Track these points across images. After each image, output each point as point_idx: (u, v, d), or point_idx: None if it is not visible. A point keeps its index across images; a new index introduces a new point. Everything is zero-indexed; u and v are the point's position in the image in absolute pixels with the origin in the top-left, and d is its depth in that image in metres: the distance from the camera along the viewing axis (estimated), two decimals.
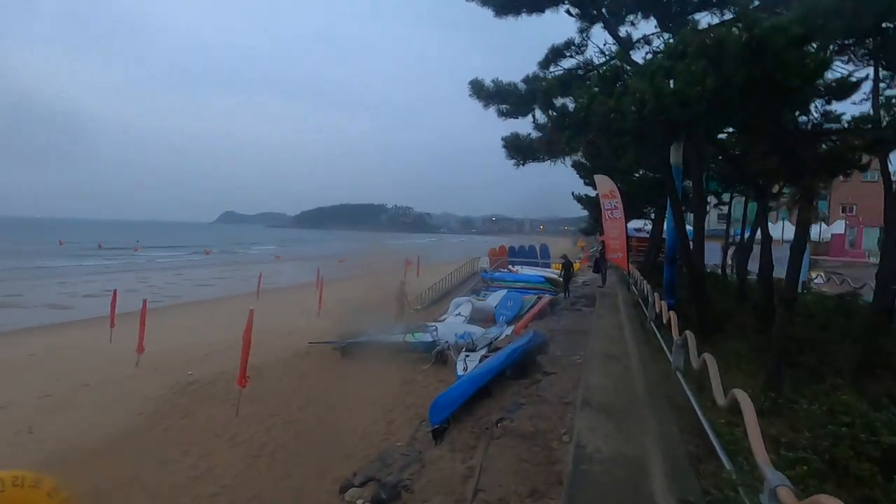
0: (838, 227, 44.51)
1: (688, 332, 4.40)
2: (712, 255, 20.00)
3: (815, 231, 32.82)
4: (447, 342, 11.38)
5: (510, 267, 23.93)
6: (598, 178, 13.36)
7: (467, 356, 11.23)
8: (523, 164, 6.71)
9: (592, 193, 17.25)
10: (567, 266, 16.80)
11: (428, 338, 11.79)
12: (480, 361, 9.95)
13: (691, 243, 9.48)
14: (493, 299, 17.68)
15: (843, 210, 48.08)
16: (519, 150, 6.28)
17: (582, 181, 17.88)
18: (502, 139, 6.27)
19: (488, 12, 7.06)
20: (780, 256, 15.44)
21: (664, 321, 6.03)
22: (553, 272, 23.19)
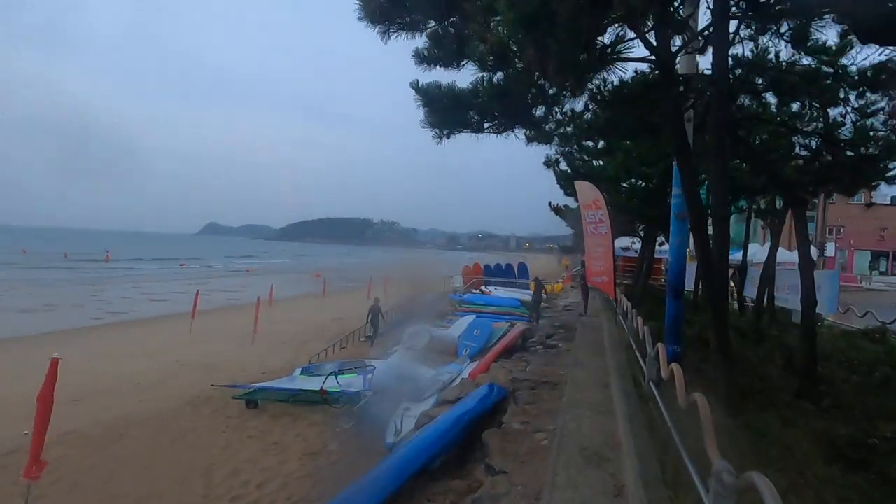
0: (828, 249, 43.07)
1: (760, 482, 1.88)
2: None
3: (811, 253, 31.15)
4: (375, 392, 8.67)
5: (483, 288, 21.36)
6: (578, 184, 10.98)
7: (407, 409, 8.57)
8: (447, 136, 4.28)
9: (574, 205, 14.91)
10: (538, 289, 14.56)
11: (359, 383, 9.08)
12: (417, 427, 7.32)
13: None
14: (458, 327, 15.08)
15: (830, 232, 46.93)
16: (436, 105, 3.85)
17: (563, 192, 15.54)
18: (412, 86, 3.81)
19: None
20: (782, 283, 13.12)
21: (681, 401, 3.50)
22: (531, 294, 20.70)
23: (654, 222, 14.65)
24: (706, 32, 4.52)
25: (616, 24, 3.10)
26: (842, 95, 7.43)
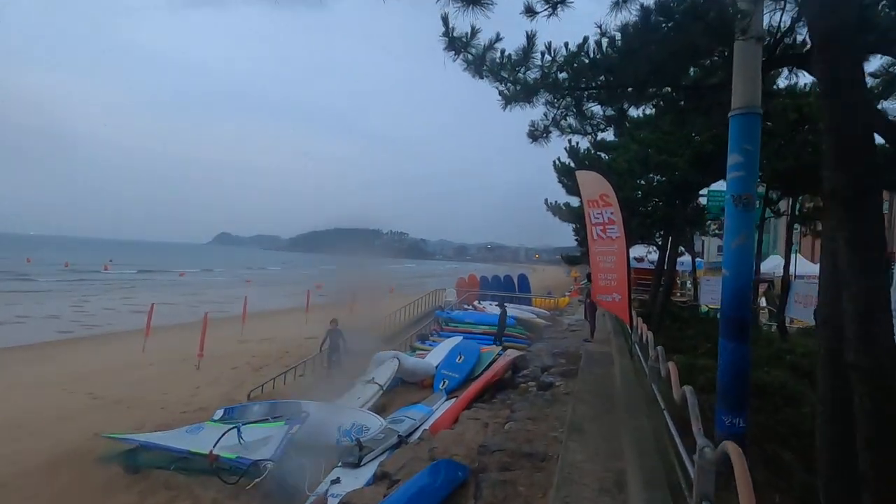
0: None
1: None
2: None
3: None
4: (274, 463, 6.09)
5: (476, 303, 18.75)
6: (581, 174, 8.49)
7: (335, 483, 6.05)
8: None
9: (577, 203, 12.35)
10: (502, 315, 13.38)
11: (278, 438, 6.54)
12: None
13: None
14: (438, 353, 12.55)
15: None
16: None
17: (564, 190, 13.02)
18: None
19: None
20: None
21: None
22: (531, 312, 18.04)
23: (676, 226, 12.05)
24: None
25: None
26: None
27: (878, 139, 3.14)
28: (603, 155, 12.72)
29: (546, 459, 5.03)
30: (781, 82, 6.39)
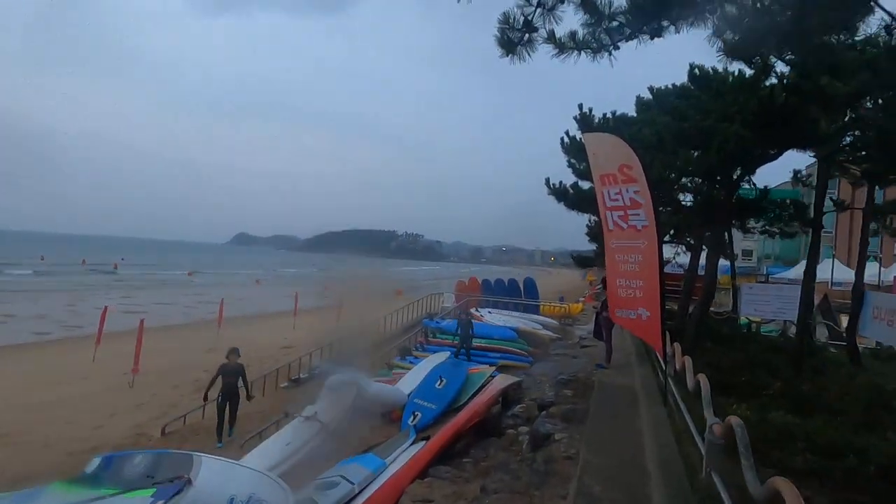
0: None
1: None
2: (786, 304, 12.65)
3: (872, 272, 25.12)
4: None
5: (474, 311, 16.25)
6: (593, 138, 5.99)
7: None
8: None
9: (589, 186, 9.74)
10: (466, 325, 11.65)
11: None
12: None
13: None
14: (416, 374, 10.13)
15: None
16: None
17: (574, 175, 10.44)
18: None
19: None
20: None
21: None
22: (536, 322, 15.47)
23: (720, 217, 9.41)
24: None
25: None
26: None
27: None
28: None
29: None
30: None
